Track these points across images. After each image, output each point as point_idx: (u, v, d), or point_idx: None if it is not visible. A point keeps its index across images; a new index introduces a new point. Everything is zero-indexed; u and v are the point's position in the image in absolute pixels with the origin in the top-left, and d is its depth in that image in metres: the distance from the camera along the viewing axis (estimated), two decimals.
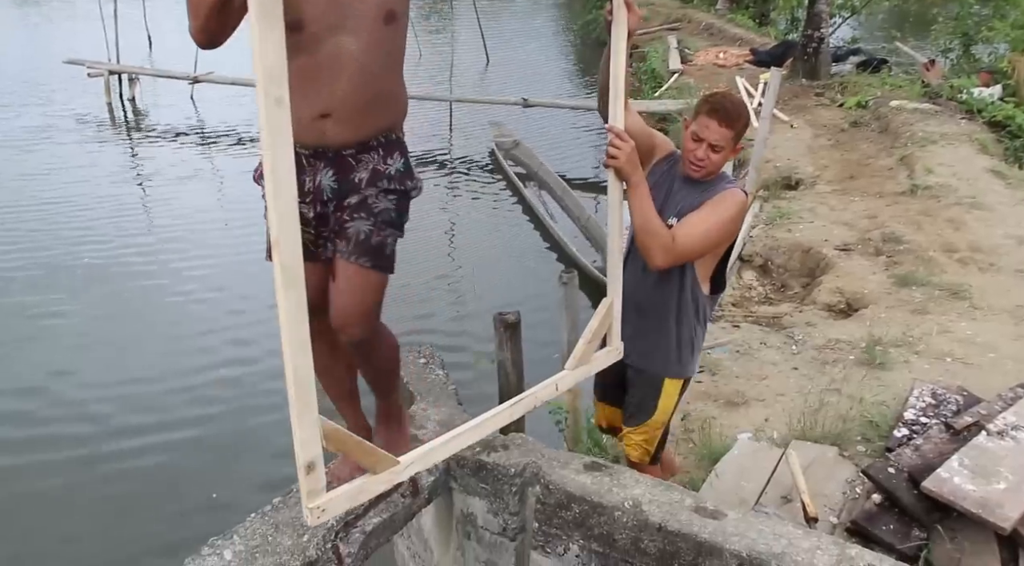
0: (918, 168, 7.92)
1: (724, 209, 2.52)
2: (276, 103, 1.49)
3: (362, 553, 2.33)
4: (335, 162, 2.03)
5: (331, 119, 1.94)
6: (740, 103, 2.56)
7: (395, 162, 2.11)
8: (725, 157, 2.54)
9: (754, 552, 2.14)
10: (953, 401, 3.70)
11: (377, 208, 2.08)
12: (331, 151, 2.01)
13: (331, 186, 2.03)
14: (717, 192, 2.55)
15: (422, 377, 3.01)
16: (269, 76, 1.46)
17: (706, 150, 2.50)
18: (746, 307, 6.04)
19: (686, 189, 2.62)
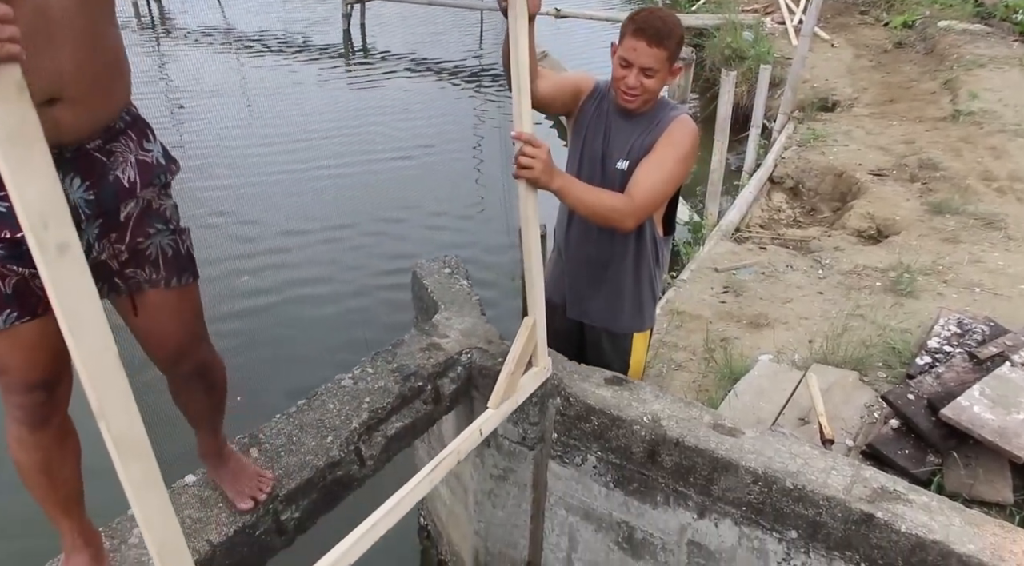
0: (963, 93, 7.66)
1: (679, 146, 2.29)
2: (59, 252, 1.08)
3: (383, 456, 2.38)
4: (80, 164, 1.44)
5: (62, 104, 1.34)
6: (670, 18, 2.22)
7: (153, 146, 1.59)
8: (661, 81, 2.25)
9: (769, 470, 2.17)
10: (979, 331, 3.66)
11: (166, 210, 1.64)
12: (70, 150, 1.41)
13: (85, 199, 1.45)
14: (664, 125, 2.31)
15: (446, 287, 3.01)
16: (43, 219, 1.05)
17: (637, 76, 2.21)
18: (774, 229, 5.97)
19: (628, 125, 2.36)
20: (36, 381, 1.53)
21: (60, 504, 1.70)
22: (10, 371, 1.51)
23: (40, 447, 1.60)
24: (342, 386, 2.45)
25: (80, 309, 1.11)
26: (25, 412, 1.55)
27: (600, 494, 2.58)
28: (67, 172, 1.41)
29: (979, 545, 1.94)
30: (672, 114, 2.34)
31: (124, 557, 1.84)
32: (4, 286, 1.45)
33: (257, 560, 2.06)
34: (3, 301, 1.46)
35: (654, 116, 2.34)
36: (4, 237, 1.39)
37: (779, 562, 2.26)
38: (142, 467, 1.23)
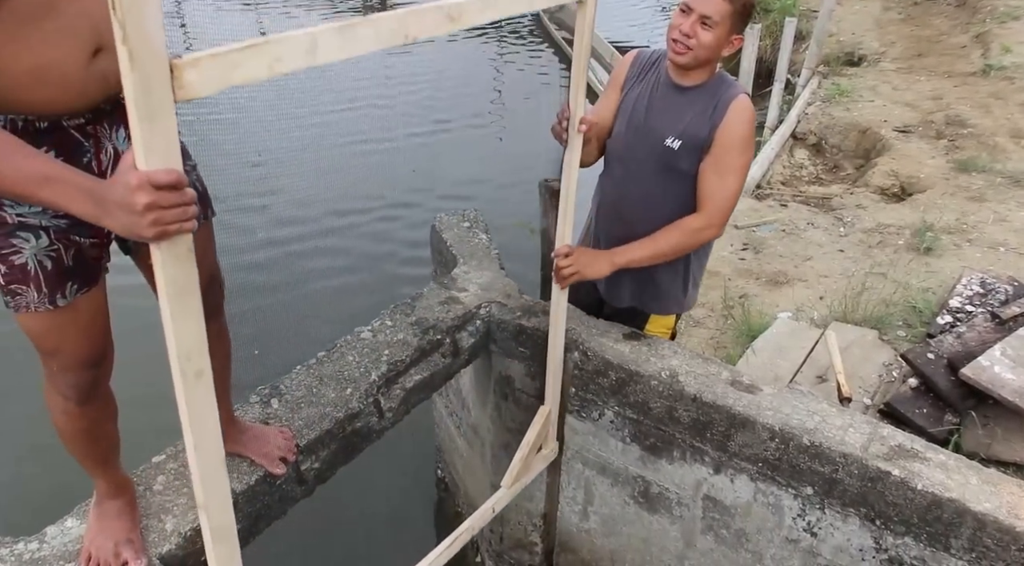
0: (995, 47, 7.46)
1: (745, 144, 2.18)
2: (196, 377, 1.23)
3: (402, 408, 2.40)
4: (120, 114, 1.41)
5: (104, 53, 1.32)
6: None
7: None
8: (717, 41, 2.08)
9: (787, 427, 2.17)
10: (1002, 291, 3.62)
11: (188, 148, 1.60)
12: (111, 102, 1.40)
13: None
14: (723, 109, 2.15)
15: (466, 240, 3.01)
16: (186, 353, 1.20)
17: (694, 24, 2.06)
18: (795, 186, 5.90)
19: (681, 99, 2.22)
20: (89, 357, 1.54)
21: (99, 460, 1.75)
22: (64, 350, 1.52)
23: (86, 416, 1.63)
24: (361, 338, 2.46)
25: (205, 423, 1.28)
26: (76, 391, 1.57)
27: (617, 448, 2.59)
28: (112, 124, 1.43)
29: (995, 503, 1.94)
30: (730, 94, 2.17)
31: (149, 503, 1.88)
32: (66, 258, 1.45)
33: (278, 509, 2.09)
34: (66, 274, 1.45)
35: (712, 94, 2.18)
36: None
37: (794, 518, 2.28)
38: (227, 549, 1.45)
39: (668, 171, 2.26)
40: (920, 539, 2.05)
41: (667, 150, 2.22)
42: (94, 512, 1.80)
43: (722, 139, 2.16)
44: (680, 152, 2.21)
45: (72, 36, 1.28)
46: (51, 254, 1.42)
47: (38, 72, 1.25)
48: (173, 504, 1.88)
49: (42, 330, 1.48)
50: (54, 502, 1.98)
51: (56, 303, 1.45)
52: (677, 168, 2.24)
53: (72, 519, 1.84)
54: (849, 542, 2.19)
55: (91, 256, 1.50)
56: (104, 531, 1.75)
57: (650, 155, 2.27)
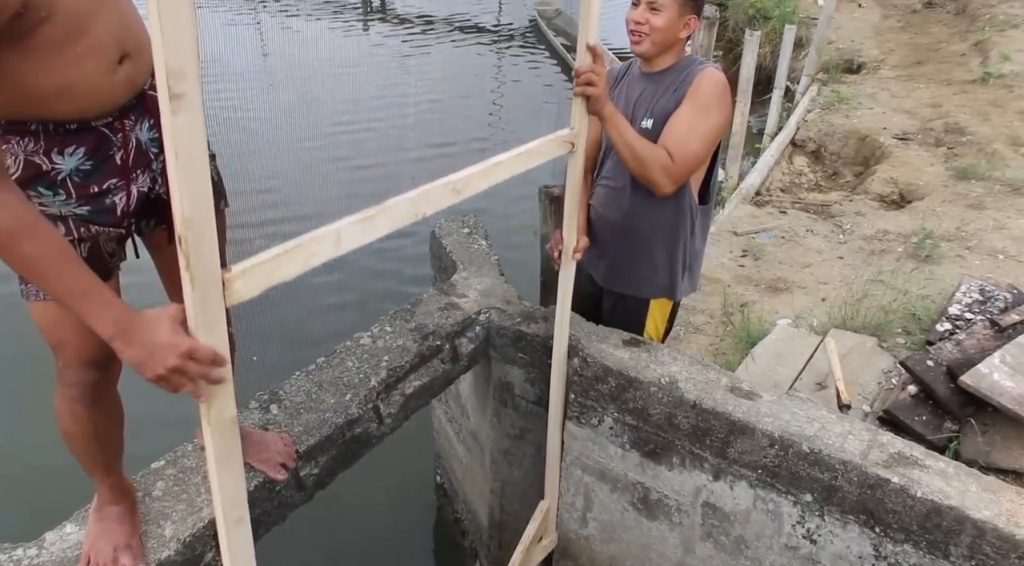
0: (994, 54, 7.49)
1: (708, 96, 2.20)
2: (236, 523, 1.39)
3: (401, 414, 2.40)
4: (144, 107, 1.52)
5: (129, 59, 1.44)
6: None
7: None
8: (669, 22, 2.17)
9: (786, 433, 2.17)
10: (1001, 298, 3.62)
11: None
12: (135, 97, 1.50)
13: (152, 138, 1.55)
14: (690, 80, 2.22)
15: (465, 246, 3.01)
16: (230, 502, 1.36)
17: (643, 11, 2.17)
18: (795, 193, 5.91)
19: (652, 84, 2.30)
20: (93, 356, 1.54)
21: (104, 465, 1.76)
22: (68, 345, 1.53)
23: (92, 420, 1.64)
24: (361, 344, 2.46)
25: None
26: (80, 390, 1.58)
27: (616, 455, 2.59)
28: (137, 118, 1.50)
29: (995, 511, 1.94)
30: (697, 68, 2.25)
31: (148, 508, 1.88)
32: (81, 251, 1.47)
33: (277, 514, 2.09)
34: None
35: (679, 71, 2.27)
36: (93, 192, 1.43)
37: (793, 525, 2.28)
38: None
39: None
40: (919, 546, 2.05)
41: (643, 132, 2.25)
42: (94, 517, 1.80)
43: (688, 95, 2.21)
44: (654, 130, 2.26)
45: (99, 53, 1.36)
46: None
47: (68, 88, 1.32)
48: (172, 510, 1.88)
49: (48, 321, 1.50)
50: (53, 508, 1.98)
51: None
52: None
53: (71, 525, 1.84)
54: (848, 549, 2.19)
55: (107, 250, 1.53)
56: (103, 536, 1.75)
57: None
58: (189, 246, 1.12)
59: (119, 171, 1.48)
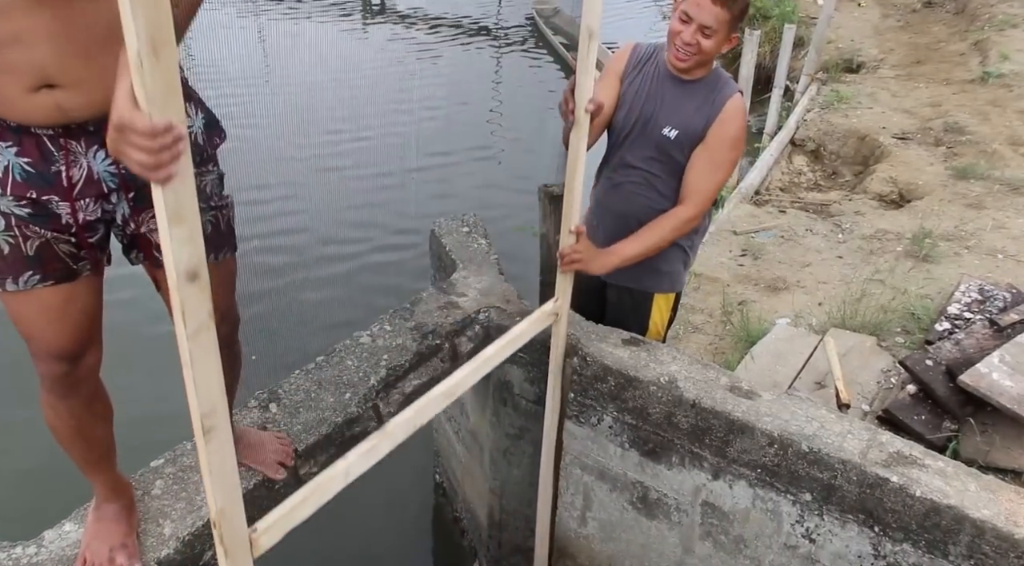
0: (993, 54, 7.48)
1: (734, 142, 2.28)
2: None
3: None
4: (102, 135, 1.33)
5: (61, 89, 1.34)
6: None
7: (192, 121, 1.54)
8: (718, 45, 2.19)
9: (786, 433, 2.17)
10: (1000, 298, 3.63)
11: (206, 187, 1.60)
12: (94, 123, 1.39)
13: (109, 172, 1.44)
14: (719, 106, 2.26)
15: (465, 245, 3.01)
16: None
17: (695, 33, 2.15)
18: (794, 193, 5.91)
19: (680, 92, 2.31)
20: (58, 351, 1.53)
21: (93, 463, 1.75)
22: (35, 338, 1.52)
23: (72, 414, 1.62)
24: (360, 343, 2.46)
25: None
26: (52, 381, 1.57)
27: (615, 454, 2.59)
28: (90, 144, 1.41)
29: (994, 510, 1.94)
30: (727, 93, 2.28)
31: (147, 507, 1.88)
32: (26, 248, 1.45)
33: None
34: (25, 263, 1.45)
35: (709, 89, 2.29)
36: (31, 197, 1.40)
37: (792, 524, 2.28)
38: None
39: (663, 159, 2.35)
40: (918, 546, 2.05)
41: (664, 138, 2.32)
42: (92, 515, 1.80)
43: (715, 135, 2.27)
44: (676, 141, 2.31)
45: (12, 73, 1.30)
46: (8, 239, 1.43)
47: None
48: (171, 508, 1.88)
49: (12, 313, 1.50)
50: (52, 506, 1.98)
51: (5, 287, 1.46)
52: (671, 156, 2.34)
53: (70, 523, 1.84)
54: (848, 548, 2.19)
55: (65, 252, 1.48)
56: (100, 535, 1.75)
57: (647, 142, 2.36)
58: (222, 529, 1.26)
59: (63, 191, 1.41)
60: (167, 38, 0.96)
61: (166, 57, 0.96)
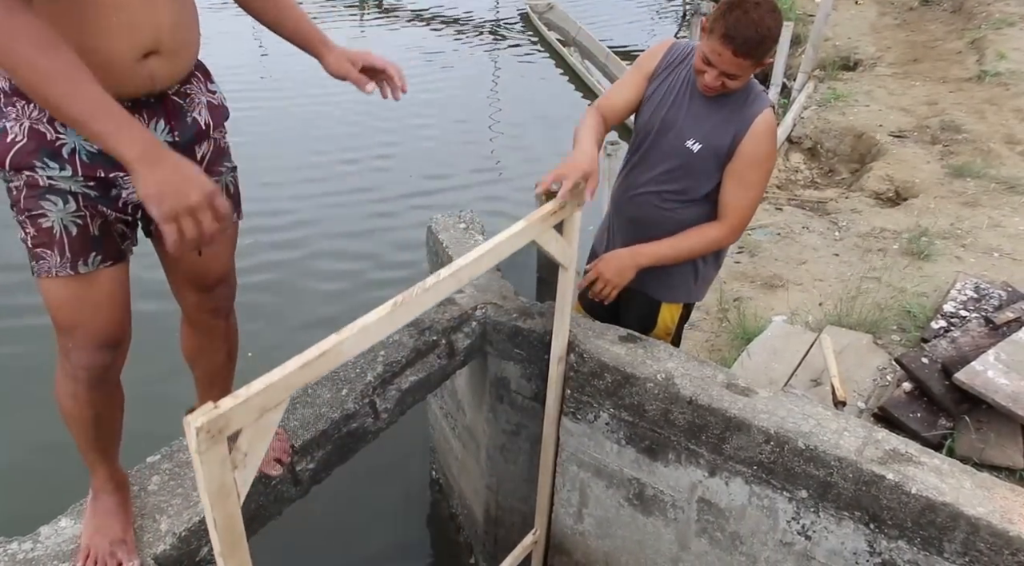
0: (990, 53, 7.49)
1: (767, 161, 2.24)
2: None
3: (397, 409, 2.40)
4: (164, 108, 1.49)
5: (157, 56, 1.41)
6: (766, 22, 1.98)
7: (216, 87, 1.65)
8: (745, 80, 2.16)
9: (782, 430, 2.17)
10: (996, 296, 3.63)
11: (229, 149, 1.71)
12: (155, 96, 1.47)
13: (167, 141, 1.50)
14: (748, 121, 2.19)
15: (462, 242, 3.01)
16: None
17: (718, 77, 2.10)
18: (791, 190, 5.92)
19: (705, 102, 2.24)
20: (106, 337, 1.53)
21: (101, 451, 1.74)
22: (83, 324, 1.50)
23: (93, 404, 1.62)
24: None
25: None
26: (88, 373, 1.55)
27: (612, 451, 2.60)
28: (151, 116, 1.47)
29: (989, 508, 1.95)
30: (757, 108, 2.20)
31: (144, 503, 1.88)
32: (92, 227, 1.45)
33: (273, 509, 2.09)
34: (91, 244, 1.46)
35: (740, 102, 2.22)
36: (98, 176, 1.41)
37: (788, 521, 2.28)
38: None
39: (684, 171, 2.31)
40: (914, 543, 2.06)
41: (687, 151, 2.27)
42: (90, 507, 1.79)
43: (746, 153, 2.21)
44: (699, 155, 2.26)
45: (130, 36, 1.33)
46: (77, 220, 1.43)
47: (90, 55, 1.25)
48: (168, 504, 1.88)
49: (62, 300, 1.48)
50: (48, 502, 1.98)
51: (77, 269, 1.45)
52: (693, 169, 2.29)
53: (66, 519, 1.83)
54: (843, 545, 2.20)
55: (118, 231, 1.52)
56: (100, 530, 1.75)
57: (670, 152, 2.31)
58: None
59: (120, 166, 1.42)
60: None
61: None
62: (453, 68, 10.23)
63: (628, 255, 2.35)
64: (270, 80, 9.20)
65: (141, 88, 1.41)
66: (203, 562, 1.92)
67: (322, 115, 8.30)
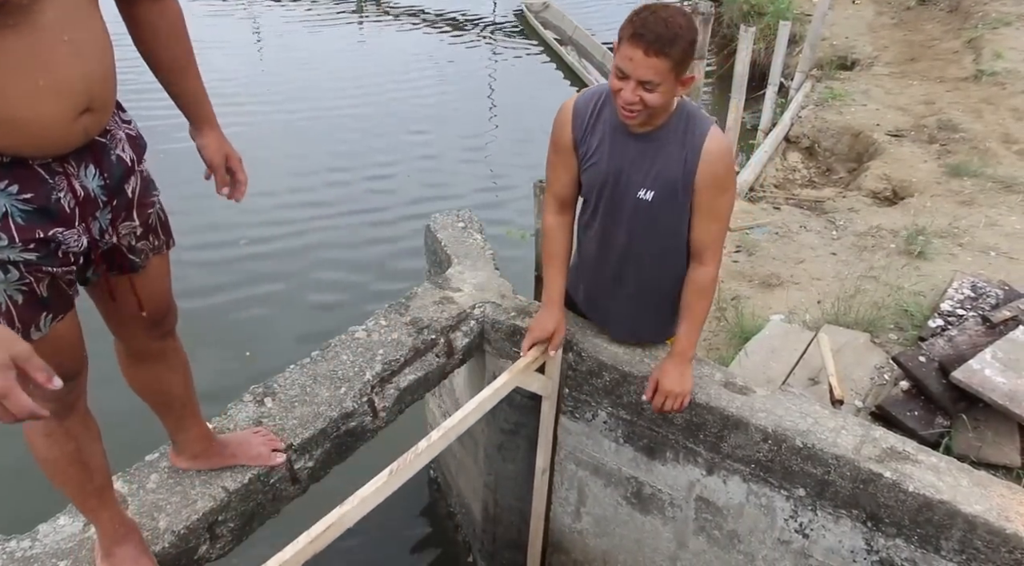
0: (986, 52, 7.50)
1: (727, 185, 2.09)
2: None
3: (396, 408, 2.40)
4: (90, 152, 1.40)
5: (90, 113, 1.34)
6: (676, 19, 1.83)
7: (129, 117, 1.55)
8: (666, 95, 1.90)
9: (780, 428, 2.18)
10: (993, 295, 3.64)
11: (151, 178, 1.59)
12: (84, 144, 1.39)
13: (100, 185, 1.42)
14: (697, 150, 2.01)
15: (460, 240, 3.01)
16: None
17: (635, 90, 1.87)
18: (788, 189, 5.93)
19: (646, 146, 2.05)
20: (65, 375, 1.41)
21: (97, 494, 1.64)
22: None
23: (70, 436, 1.54)
24: (356, 338, 2.46)
25: None
26: (55, 405, 1.47)
27: (610, 449, 2.60)
28: (80, 162, 1.38)
29: (985, 506, 1.96)
30: (701, 132, 2.02)
31: (142, 501, 1.88)
32: (40, 289, 1.37)
33: (271, 507, 2.09)
34: (40, 305, 1.38)
35: (679, 135, 2.03)
36: (36, 237, 1.31)
37: (786, 519, 2.29)
38: None
39: (643, 221, 2.16)
40: (911, 541, 2.07)
41: (640, 202, 2.12)
42: (106, 563, 1.69)
43: (705, 186, 2.05)
44: (655, 202, 2.11)
45: (62, 96, 1.26)
46: (22, 288, 1.34)
47: (16, 123, 1.21)
48: (166, 502, 1.88)
49: None
50: (46, 500, 1.97)
51: (30, 337, 1.37)
52: (655, 220, 2.15)
53: (65, 517, 1.84)
54: (841, 543, 2.21)
55: (65, 283, 1.44)
56: None
57: (624, 207, 2.16)
58: None
59: (69, 220, 1.36)
60: None
61: None
62: (451, 64, 10.25)
63: (674, 364, 2.22)
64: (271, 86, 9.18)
65: (73, 144, 1.34)
66: (202, 560, 1.92)
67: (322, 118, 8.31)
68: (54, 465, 1.57)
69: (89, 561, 1.73)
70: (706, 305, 2.25)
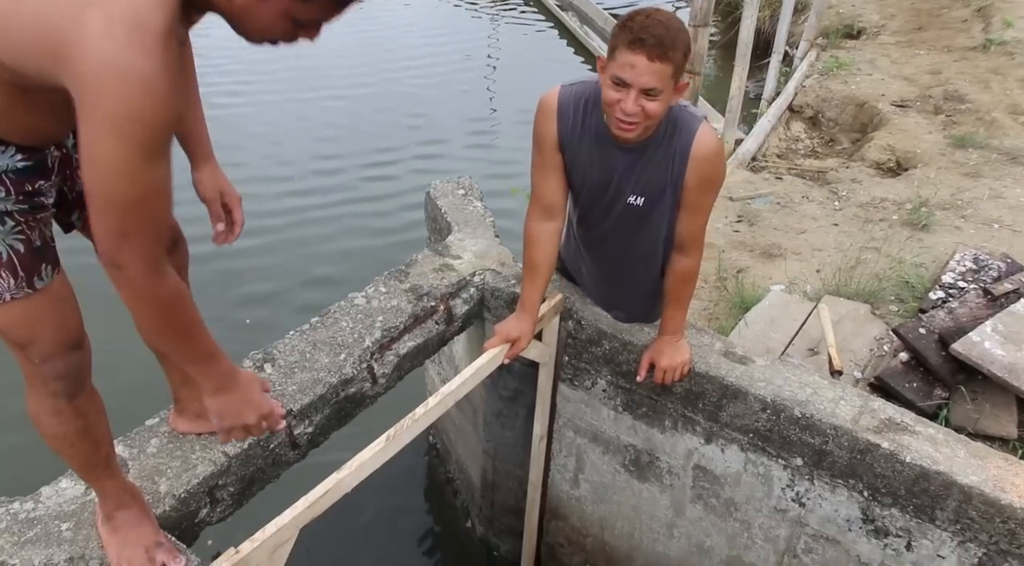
0: (996, 21, 7.39)
1: (717, 183, 2.09)
2: None
3: (395, 374, 2.41)
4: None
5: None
6: (674, 22, 1.79)
7: None
8: (666, 103, 1.84)
9: (779, 398, 2.18)
10: (995, 267, 3.63)
11: None
12: None
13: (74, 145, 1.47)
14: (686, 150, 1.98)
15: (460, 208, 2.99)
16: None
17: (637, 99, 1.79)
18: (791, 159, 5.89)
19: (634, 157, 2.02)
20: (75, 339, 1.47)
21: (103, 463, 1.65)
22: (47, 335, 1.44)
23: (79, 413, 1.54)
24: (355, 305, 2.46)
25: None
26: (64, 382, 1.48)
27: (609, 417, 2.61)
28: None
29: (982, 476, 1.97)
30: (689, 132, 1.97)
31: (143, 465, 1.89)
32: (34, 238, 1.39)
33: (271, 472, 2.10)
34: (40, 255, 1.40)
35: (668, 139, 1.99)
36: (26, 190, 1.35)
37: (783, 488, 2.30)
38: None
39: (637, 223, 2.16)
40: (907, 510, 2.08)
41: (630, 207, 2.11)
42: (107, 529, 1.70)
43: (695, 186, 2.04)
44: (645, 207, 2.10)
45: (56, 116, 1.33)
46: (19, 237, 1.37)
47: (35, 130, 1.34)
48: (167, 467, 1.89)
49: (16, 320, 1.41)
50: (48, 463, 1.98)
51: (35, 286, 1.39)
52: (646, 220, 2.14)
53: (67, 480, 1.85)
54: (836, 512, 2.22)
55: (50, 236, 1.46)
56: (128, 542, 1.67)
57: (613, 212, 2.15)
58: None
59: (47, 172, 1.41)
60: None
61: None
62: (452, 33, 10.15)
63: (666, 342, 2.29)
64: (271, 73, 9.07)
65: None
66: (202, 523, 1.94)
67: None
68: (63, 441, 1.57)
69: (91, 524, 1.74)
70: (691, 290, 2.30)
